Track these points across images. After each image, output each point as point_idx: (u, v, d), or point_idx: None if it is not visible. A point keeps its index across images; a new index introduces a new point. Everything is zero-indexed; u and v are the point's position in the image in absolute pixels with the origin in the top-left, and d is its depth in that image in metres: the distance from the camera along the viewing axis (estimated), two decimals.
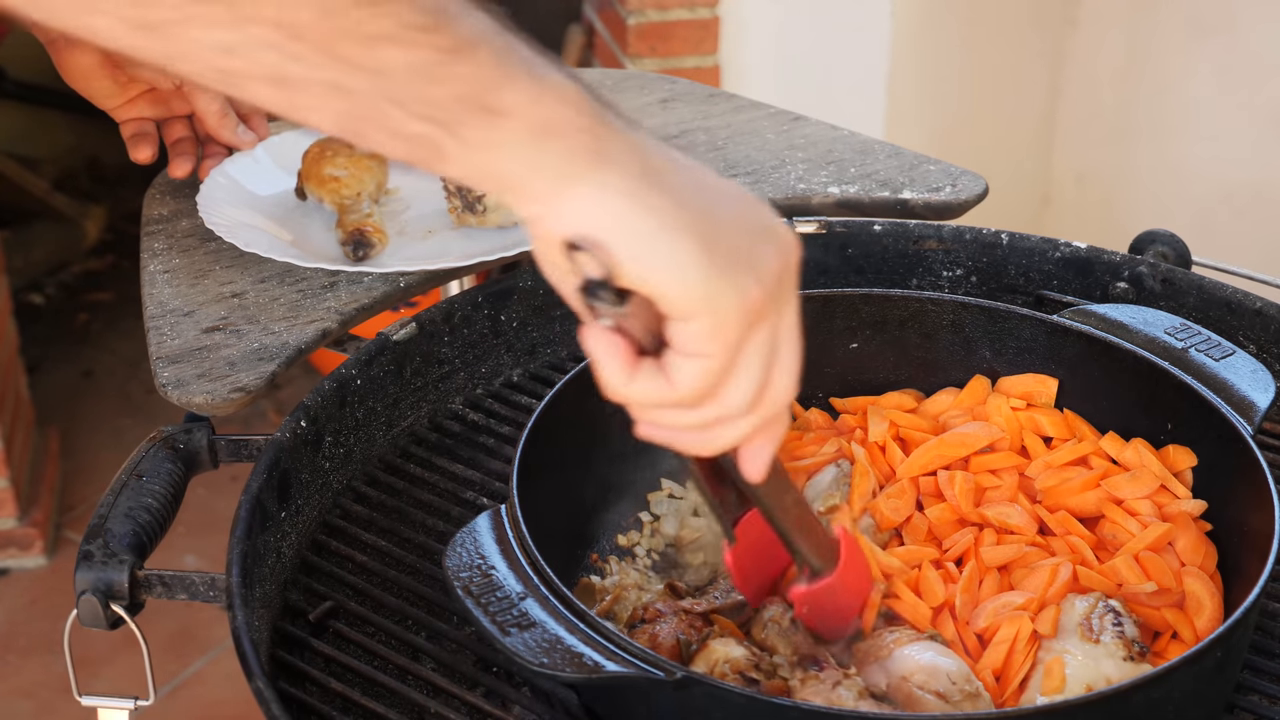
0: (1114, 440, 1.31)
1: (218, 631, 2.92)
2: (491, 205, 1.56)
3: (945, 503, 1.26)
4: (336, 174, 1.59)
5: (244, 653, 1.08)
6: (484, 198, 1.54)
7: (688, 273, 0.73)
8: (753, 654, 1.12)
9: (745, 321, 0.76)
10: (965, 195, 1.65)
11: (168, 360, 1.37)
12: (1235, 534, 1.21)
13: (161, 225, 1.62)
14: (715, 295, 0.74)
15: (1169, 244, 1.56)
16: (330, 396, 1.34)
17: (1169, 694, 1.04)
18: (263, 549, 1.21)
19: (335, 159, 1.60)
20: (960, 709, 1.07)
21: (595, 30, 3.45)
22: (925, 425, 1.34)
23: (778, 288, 0.77)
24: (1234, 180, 3.16)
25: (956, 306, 1.39)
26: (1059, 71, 3.41)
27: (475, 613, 1.03)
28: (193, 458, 1.31)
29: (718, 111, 1.90)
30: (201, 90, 1.59)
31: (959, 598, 1.18)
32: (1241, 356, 1.30)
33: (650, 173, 0.72)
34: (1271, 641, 1.21)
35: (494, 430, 1.45)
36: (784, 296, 0.79)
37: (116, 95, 1.61)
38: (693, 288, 0.73)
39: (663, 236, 0.72)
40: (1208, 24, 3.13)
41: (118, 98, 1.61)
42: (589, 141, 0.71)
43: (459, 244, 1.57)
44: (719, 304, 0.74)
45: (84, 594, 1.14)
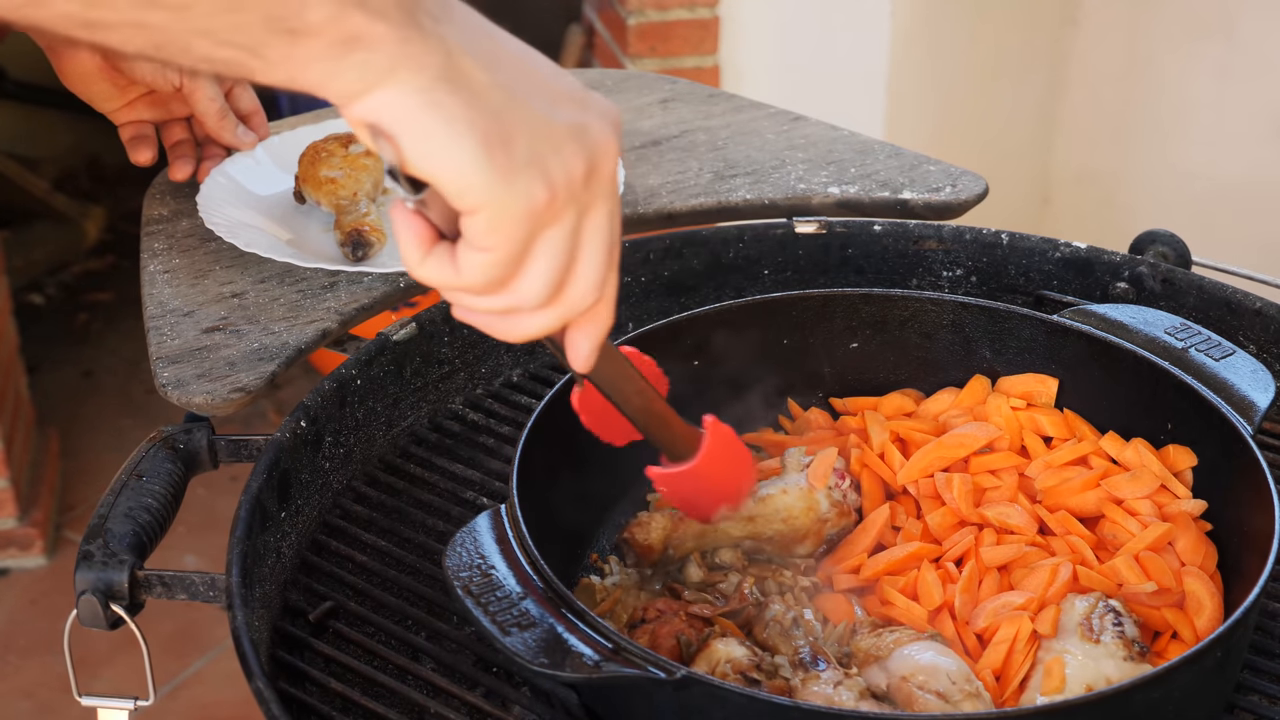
0: (1114, 440, 1.31)
1: (218, 631, 2.93)
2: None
3: (945, 506, 1.26)
4: (332, 175, 1.59)
5: (244, 653, 1.08)
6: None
7: (465, 170, 0.77)
8: (754, 654, 1.12)
9: (531, 220, 0.79)
10: (965, 195, 1.65)
11: (168, 360, 1.37)
12: (1235, 534, 1.21)
13: (161, 225, 1.62)
14: (495, 193, 0.77)
15: (1169, 244, 1.56)
16: (330, 396, 1.34)
17: (1169, 694, 1.04)
18: (263, 549, 1.21)
19: (330, 160, 1.60)
20: (960, 709, 1.07)
21: (595, 30, 3.45)
22: (925, 427, 1.34)
23: (578, 189, 0.81)
24: (1234, 180, 3.16)
25: (956, 306, 1.39)
26: (1059, 71, 3.41)
27: (475, 613, 1.03)
28: (193, 458, 1.31)
29: (718, 111, 1.90)
30: (201, 92, 1.59)
31: (958, 598, 1.18)
32: (1241, 356, 1.30)
33: (450, 74, 0.76)
34: (1271, 641, 1.21)
35: (494, 430, 1.45)
36: (588, 197, 0.82)
37: (115, 98, 1.61)
38: (471, 185, 0.77)
39: (444, 133, 0.76)
40: (1208, 24, 3.13)
41: (116, 100, 1.62)
42: (390, 47, 0.74)
43: None
44: (500, 202, 0.78)
45: (84, 594, 1.14)
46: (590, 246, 0.84)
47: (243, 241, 1.52)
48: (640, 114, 1.89)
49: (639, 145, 1.80)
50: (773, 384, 1.40)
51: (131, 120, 1.63)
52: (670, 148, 1.79)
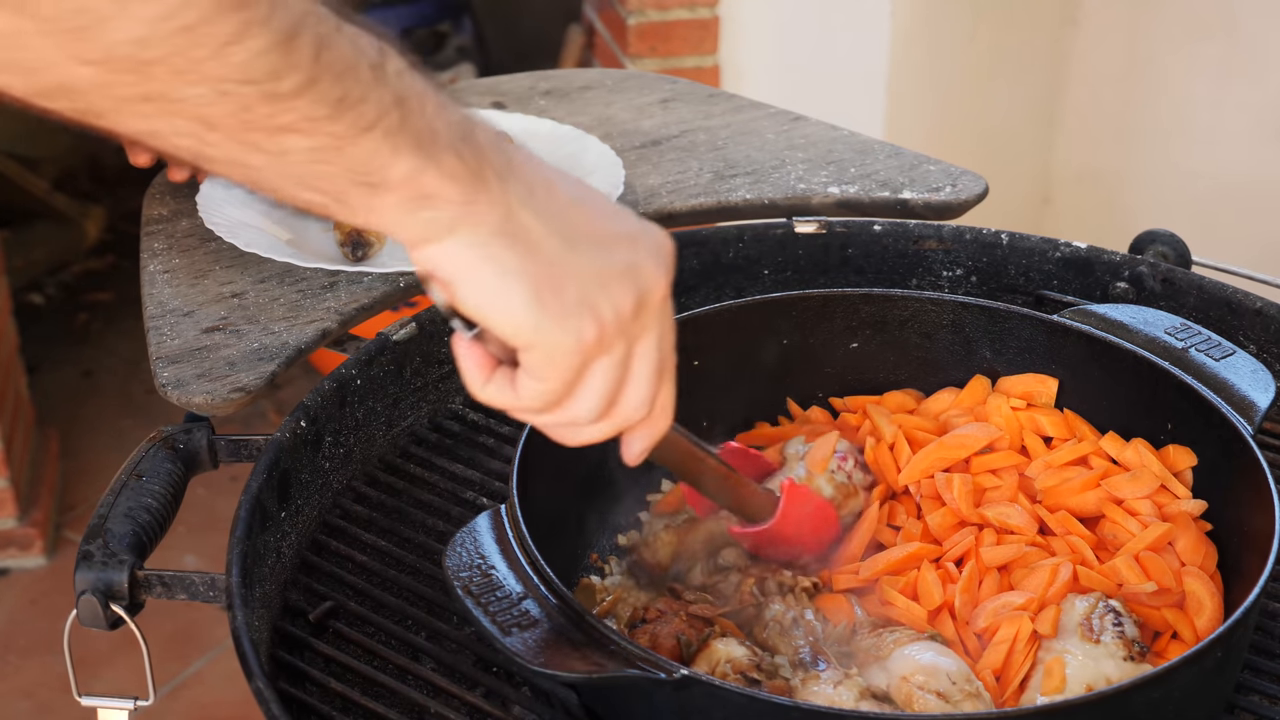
0: (1114, 440, 1.31)
1: (218, 631, 2.92)
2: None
3: (945, 508, 1.26)
4: None
5: (244, 653, 1.08)
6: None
7: (517, 315, 0.86)
8: (754, 654, 1.12)
9: (580, 356, 0.88)
10: (965, 195, 1.65)
11: (168, 360, 1.37)
12: (1235, 534, 1.21)
13: (161, 225, 1.62)
14: (546, 334, 0.86)
15: (1169, 244, 1.56)
16: (330, 396, 1.34)
17: (1169, 694, 1.04)
18: (263, 549, 1.21)
19: None
20: (960, 709, 1.07)
21: (595, 30, 3.45)
22: (927, 425, 1.34)
23: (627, 323, 0.89)
24: (1234, 180, 3.16)
25: (956, 306, 1.39)
26: (1059, 71, 3.40)
27: (475, 613, 1.03)
28: (193, 458, 1.31)
29: (718, 111, 1.90)
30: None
31: (958, 598, 1.18)
32: (1241, 356, 1.30)
33: (508, 228, 0.85)
34: (1271, 641, 1.21)
35: (494, 430, 1.45)
36: (638, 328, 0.91)
37: None
38: (522, 327, 0.86)
39: (497, 284, 0.85)
40: (1208, 24, 3.13)
41: None
42: (455, 209, 0.83)
43: None
44: (550, 342, 0.87)
45: (84, 594, 1.14)
46: (639, 370, 0.93)
47: (243, 241, 1.52)
48: (640, 114, 1.89)
49: (639, 145, 1.80)
50: (772, 384, 1.40)
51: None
52: (670, 148, 1.79)
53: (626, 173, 1.71)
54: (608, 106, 1.91)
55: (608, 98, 1.94)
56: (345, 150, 0.79)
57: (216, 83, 0.74)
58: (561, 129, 1.78)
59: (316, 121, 0.77)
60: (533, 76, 2.03)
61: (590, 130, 1.81)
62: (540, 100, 1.94)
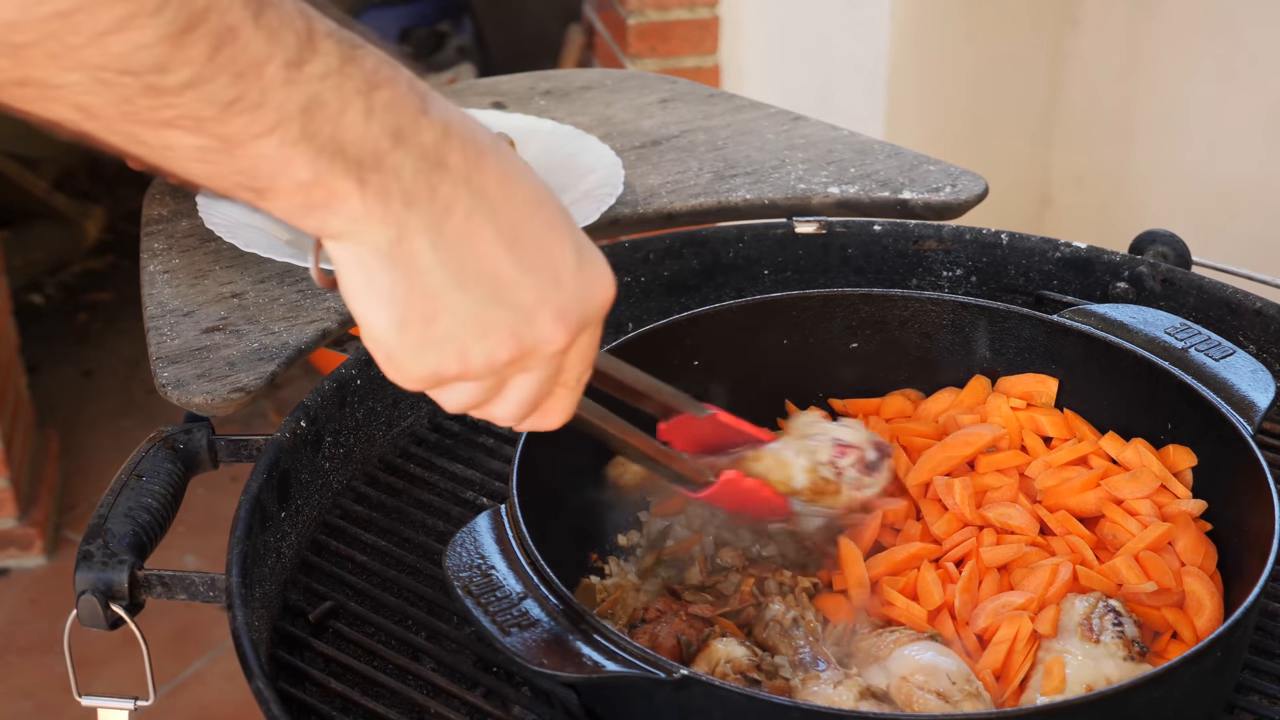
0: (1114, 440, 1.31)
1: (218, 631, 2.92)
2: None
3: (949, 512, 1.26)
4: None
5: (244, 653, 1.08)
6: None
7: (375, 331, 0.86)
8: (754, 654, 1.12)
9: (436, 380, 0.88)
10: (965, 195, 1.65)
11: (168, 360, 1.37)
12: (1235, 534, 1.21)
13: (161, 225, 1.62)
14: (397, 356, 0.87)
15: (1169, 244, 1.56)
16: (330, 396, 1.34)
17: (1169, 694, 1.04)
18: (263, 549, 1.21)
19: None
20: (960, 709, 1.07)
21: (595, 30, 3.45)
22: (925, 430, 1.34)
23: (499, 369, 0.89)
24: (1234, 180, 3.16)
25: (956, 306, 1.39)
26: (1059, 71, 3.40)
27: (475, 613, 1.03)
28: (193, 458, 1.31)
29: (718, 111, 1.90)
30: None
31: (958, 598, 1.18)
32: (1241, 356, 1.30)
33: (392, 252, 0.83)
34: (1271, 641, 1.21)
35: (494, 430, 1.45)
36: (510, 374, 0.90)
37: None
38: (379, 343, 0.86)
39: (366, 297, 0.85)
40: (1208, 24, 3.13)
41: None
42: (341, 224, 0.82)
43: None
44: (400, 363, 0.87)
45: (84, 594, 1.14)
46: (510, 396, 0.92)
47: (243, 241, 1.52)
48: (640, 114, 1.89)
49: (639, 145, 1.80)
50: (772, 384, 1.40)
51: None
52: (670, 148, 1.79)
53: (626, 173, 1.71)
54: (608, 106, 1.91)
55: (608, 98, 1.94)
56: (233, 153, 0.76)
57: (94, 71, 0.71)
58: (562, 129, 1.78)
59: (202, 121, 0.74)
60: (533, 76, 2.03)
61: (590, 130, 1.81)
62: (540, 100, 1.94)
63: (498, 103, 1.93)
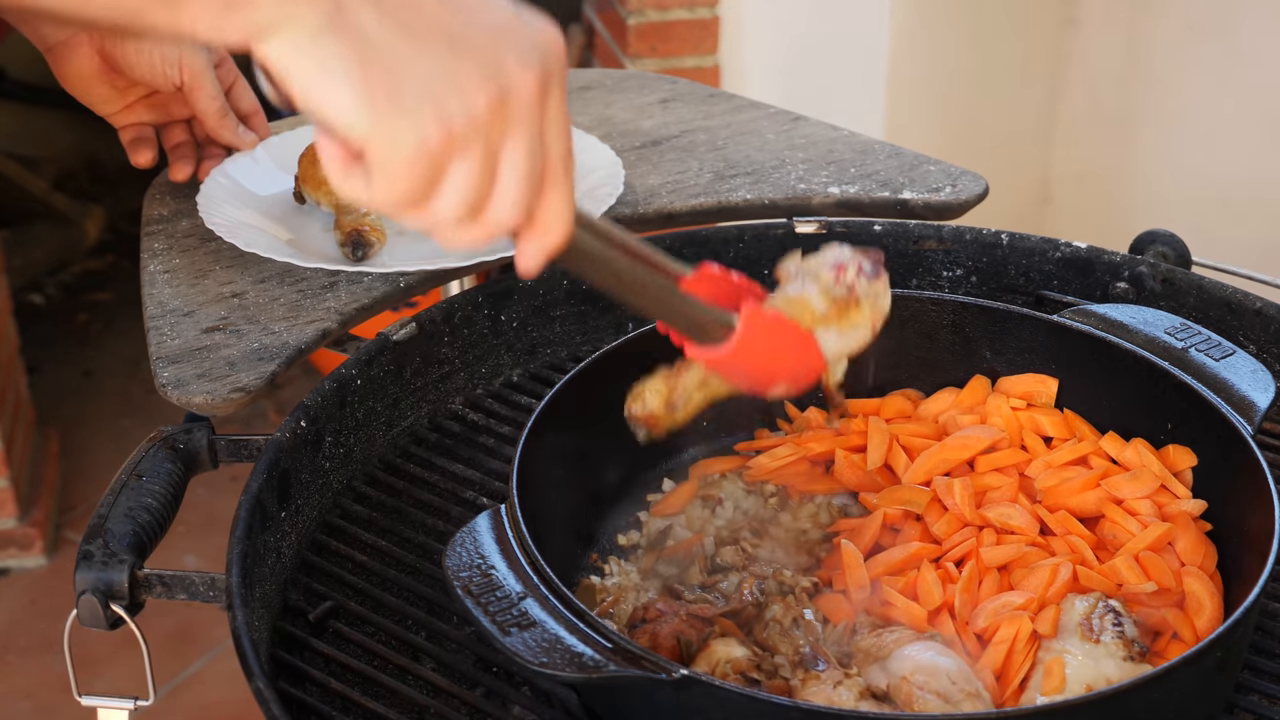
0: (1114, 440, 1.31)
1: (218, 631, 2.92)
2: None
3: (949, 513, 1.26)
4: None
5: (244, 653, 1.08)
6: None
7: (347, 112, 0.82)
8: (754, 654, 1.12)
9: (426, 155, 0.83)
10: (965, 195, 1.65)
11: (168, 360, 1.37)
12: (1235, 534, 1.21)
13: (161, 225, 1.62)
14: (379, 133, 0.82)
15: (1169, 244, 1.56)
16: (330, 396, 1.34)
17: (1169, 694, 1.04)
18: (263, 549, 1.21)
19: None
20: (960, 709, 1.07)
21: (595, 30, 3.45)
22: (925, 430, 1.34)
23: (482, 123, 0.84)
24: (1234, 180, 3.16)
25: (956, 306, 1.39)
26: (1059, 71, 3.41)
27: (475, 613, 1.03)
28: (193, 458, 1.31)
29: (718, 111, 1.90)
30: (201, 91, 1.60)
31: (958, 598, 1.18)
32: (1241, 356, 1.30)
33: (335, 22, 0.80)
34: (1271, 641, 1.21)
35: (494, 430, 1.45)
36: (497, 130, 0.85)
37: (115, 101, 1.61)
38: (353, 125, 0.82)
39: (322, 82, 0.81)
40: (1207, 24, 3.13)
41: (116, 103, 1.62)
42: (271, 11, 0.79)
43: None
44: (387, 141, 0.82)
45: (84, 594, 1.14)
46: (506, 173, 0.87)
47: (243, 241, 1.52)
48: (640, 114, 1.89)
49: (639, 145, 1.80)
50: None
51: (132, 122, 1.63)
52: (670, 148, 1.79)
53: (626, 173, 1.71)
54: (607, 106, 1.91)
55: (607, 98, 1.94)
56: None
57: None
58: None
59: None
60: None
61: (590, 130, 1.81)
62: None
63: None
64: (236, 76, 1.68)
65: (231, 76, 1.67)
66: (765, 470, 1.33)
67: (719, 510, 1.31)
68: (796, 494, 1.32)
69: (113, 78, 1.58)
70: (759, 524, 1.29)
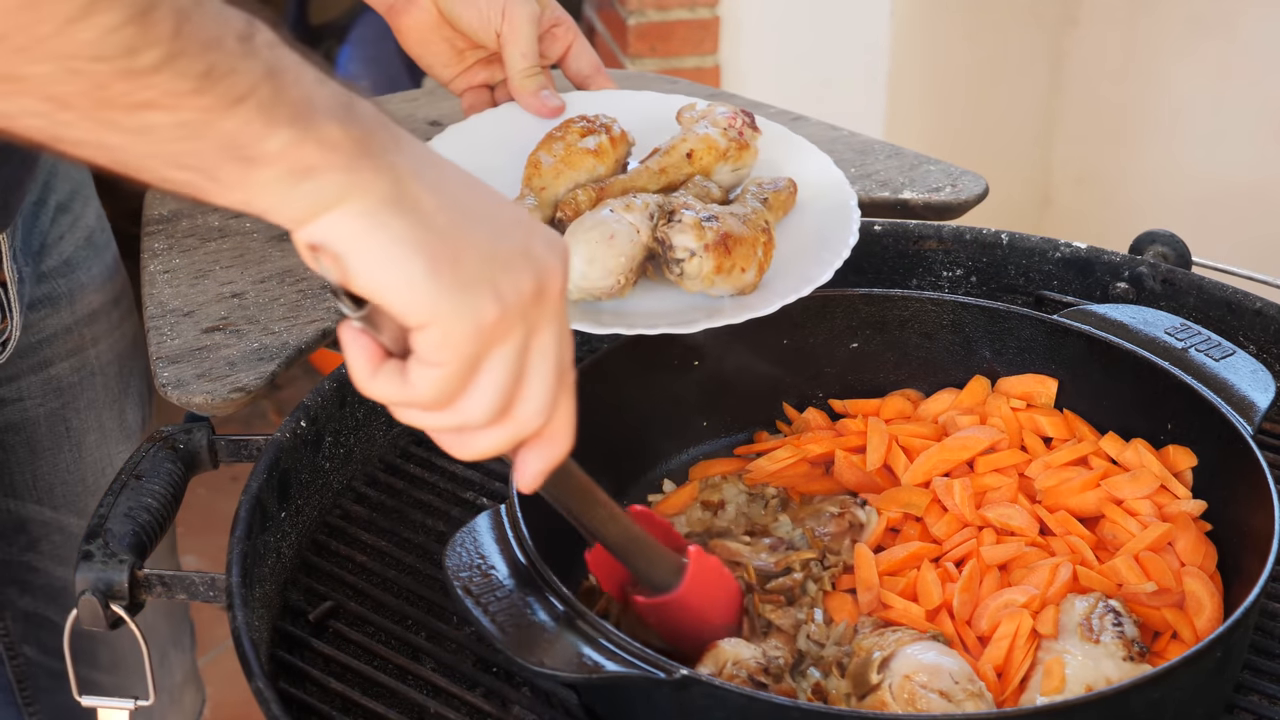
0: (1114, 440, 1.31)
1: (218, 631, 2.91)
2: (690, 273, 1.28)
3: (949, 513, 1.25)
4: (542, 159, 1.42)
5: (244, 653, 1.08)
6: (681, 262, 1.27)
7: (414, 287, 0.81)
8: (762, 656, 1.12)
9: (480, 337, 0.83)
10: (965, 195, 1.65)
11: (168, 360, 1.37)
12: (1235, 534, 1.21)
13: (161, 225, 1.62)
14: (444, 308, 0.81)
15: (1169, 244, 1.56)
16: (330, 396, 1.34)
17: (1169, 694, 1.04)
18: (263, 549, 1.21)
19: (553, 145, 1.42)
20: (963, 708, 1.07)
21: (595, 30, 3.45)
22: (925, 432, 1.34)
23: (527, 306, 0.84)
24: (1234, 180, 3.16)
25: (956, 306, 1.39)
26: (1059, 71, 3.41)
27: (475, 613, 1.03)
28: (193, 458, 1.31)
29: None
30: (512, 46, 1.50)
31: (958, 597, 1.18)
32: (1241, 356, 1.30)
33: (398, 198, 0.80)
34: (1271, 641, 1.21)
35: None
36: (536, 316, 0.86)
37: (453, 64, 1.55)
38: (419, 301, 0.81)
39: (390, 253, 0.80)
40: (1207, 23, 3.13)
41: (454, 66, 1.55)
42: (341, 179, 0.79)
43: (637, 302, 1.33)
44: (450, 316, 0.82)
45: (84, 594, 1.14)
46: (538, 366, 0.87)
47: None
48: None
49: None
50: (772, 384, 1.40)
51: (470, 87, 1.56)
52: None
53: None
54: None
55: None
56: (215, 124, 0.75)
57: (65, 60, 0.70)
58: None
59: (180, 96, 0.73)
60: None
61: None
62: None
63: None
64: (576, 36, 1.59)
65: (570, 36, 1.58)
66: (765, 473, 1.33)
67: (720, 513, 1.31)
68: (797, 496, 1.32)
69: (451, 36, 1.52)
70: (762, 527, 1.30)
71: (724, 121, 1.41)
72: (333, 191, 0.79)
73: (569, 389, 0.91)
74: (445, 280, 0.81)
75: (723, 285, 1.27)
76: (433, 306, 0.81)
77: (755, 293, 1.31)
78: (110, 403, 1.63)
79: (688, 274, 1.26)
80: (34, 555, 1.60)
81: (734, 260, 1.26)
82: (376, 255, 0.80)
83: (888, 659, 1.10)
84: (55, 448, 1.58)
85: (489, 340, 0.83)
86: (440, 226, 0.81)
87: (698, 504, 1.32)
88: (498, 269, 0.83)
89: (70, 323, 1.56)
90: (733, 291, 1.29)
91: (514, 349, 0.85)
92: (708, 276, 1.26)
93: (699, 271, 1.25)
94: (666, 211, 1.27)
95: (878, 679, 1.09)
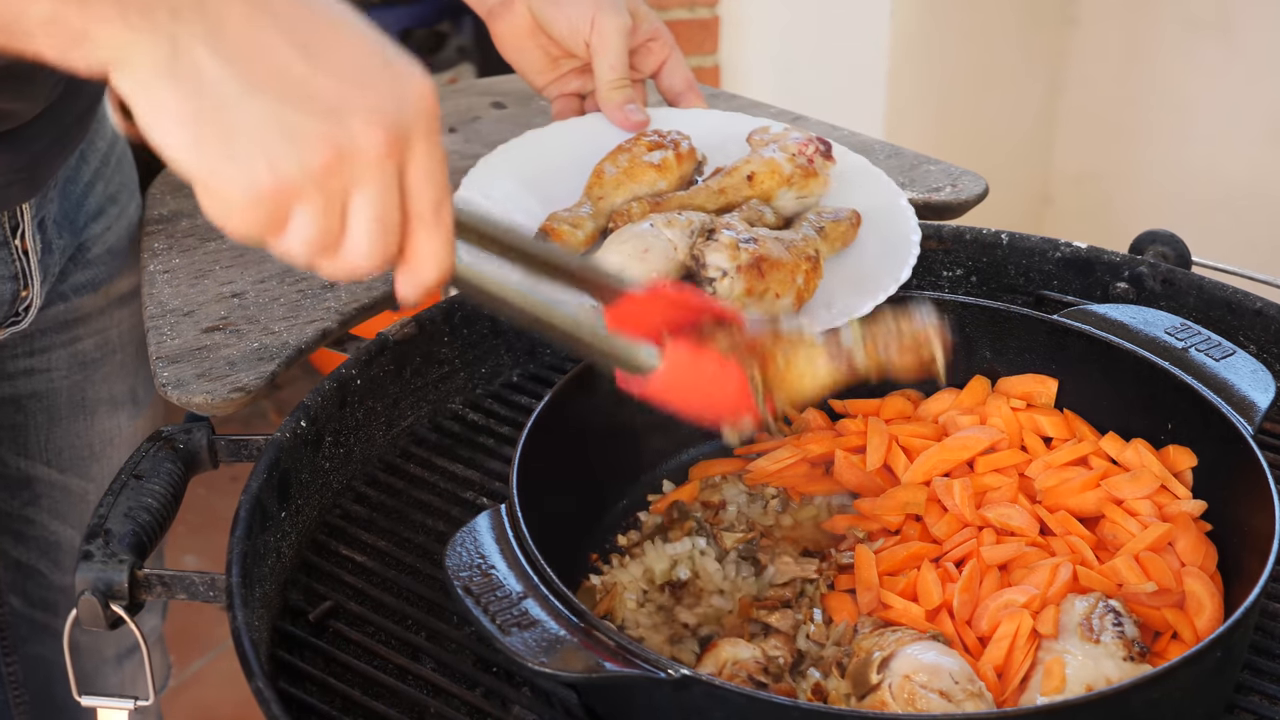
0: (1114, 440, 1.31)
1: (218, 631, 2.92)
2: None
3: (949, 513, 1.26)
4: (606, 168, 1.42)
5: (244, 653, 1.08)
6: (713, 281, 1.25)
7: (178, 154, 0.84)
8: (762, 656, 1.12)
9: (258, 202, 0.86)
10: (965, 195, 1.65)
11: (168, 360, 1.37)
12: (1235, 534, 1.21)
13: (161, 225, 1.62)
14: (207, 177, 0.85)
15: (1169, 244, 1.56)
16: (330, 396, 1.34)
17: (1169, 694, 1.04)
18: (263, 549, 1.21)
19: (618, 157, 1.42)
20: (963, 708, 1.07)
21: None
22: (925, 432, 1.34)
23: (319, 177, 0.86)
24: (1234, 180, 3.16)
25: (956, 306, 1.39)
26: (1059, 71, 3.41)
27: (475, 612, 1.03)
28: (193, 458, 1.31)
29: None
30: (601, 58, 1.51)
31: (958, 597, 1.18)
32: (1241, 356, 1.31)
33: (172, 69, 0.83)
34: (1271, 641, 1.21)
35: (494, 430, 1.45)
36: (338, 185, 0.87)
37: (547, 70, 1.56)
38: (185, 166, 0.85)
39: (157, 121, 0.84)
40: (1207, 23, 3.13)
41: (549, 73, 1.56)
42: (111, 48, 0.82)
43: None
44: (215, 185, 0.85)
45: (84, 594, 1.14)
46: (355, 222, 0.89)
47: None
48: None
49: None
50: None
51: (563, 94, 1.57)
52: None
53: None
54: None
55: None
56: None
57: None
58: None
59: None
60: None
61: None
62: (540, 101, 1.93)
63: (497, 102, 1.93)
64: (671, 51, 1.59)
65: (666, 52, 1.58)
66: (765, 473, 1.33)
67: (721, 513, 1.31)
68: (797, 495, 1.33)
69: (546, 43, 1.53)
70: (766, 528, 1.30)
71: (794, 147, 1.39)
72: (105, 56, 0.82)
73: (425, 227, 0.91)
74: (210, 151, 0.84)
75: (755, 309, 1.22)
76: (201, 175, 0.85)
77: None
78: (125, 377, 1.69)
79: (719, 294, 1.22)
80: (33, 509, 1.65)
81: (767, 284, 1.23)
82: (147, 120, 0.84)
83: (887, 659, 1.10)
84: (71, 416, 1.64)
85: (276, 201, 0.86)
86: (216, 98, 0.83)
87: (698, 504, 1.32)
88: (276, 141, 0.85)
89: (104, 305, 1.62)
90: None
91: (315, 208, 0.87)
92: (739, 298, 1.22)
93: (730, 292, 1.22)
94: (707, 230, 1.26)
95: (877, 679, 1.09)
